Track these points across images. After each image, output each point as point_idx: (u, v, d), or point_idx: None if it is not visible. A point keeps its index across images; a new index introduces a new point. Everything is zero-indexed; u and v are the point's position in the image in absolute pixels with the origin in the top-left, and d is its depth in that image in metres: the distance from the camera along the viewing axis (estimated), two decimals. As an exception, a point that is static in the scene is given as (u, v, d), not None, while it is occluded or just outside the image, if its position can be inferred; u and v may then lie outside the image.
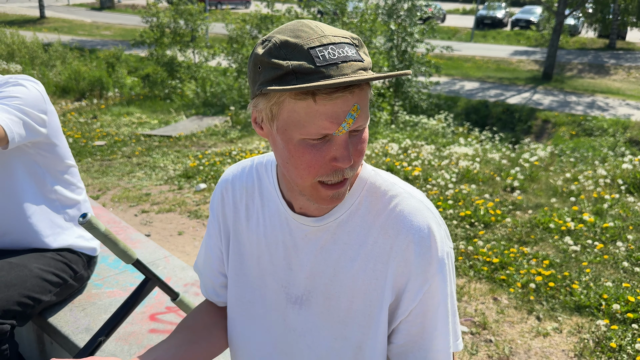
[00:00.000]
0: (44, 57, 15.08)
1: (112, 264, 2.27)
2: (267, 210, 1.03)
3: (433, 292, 0.94)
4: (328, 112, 0.79)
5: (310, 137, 0.82)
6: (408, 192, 0.98)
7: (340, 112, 0.80)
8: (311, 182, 0.87)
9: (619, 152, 9.63)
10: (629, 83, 19.18)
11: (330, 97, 0.78)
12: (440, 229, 0.96)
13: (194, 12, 14.16)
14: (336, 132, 0.81)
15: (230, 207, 1.08)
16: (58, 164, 1.86)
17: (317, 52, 0.78)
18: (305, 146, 0.83)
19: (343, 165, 0.83)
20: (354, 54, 0.81)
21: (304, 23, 0.83)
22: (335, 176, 0.86)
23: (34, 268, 1.76)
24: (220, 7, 31.59)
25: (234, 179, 1.09)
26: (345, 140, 0.83)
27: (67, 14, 31.01)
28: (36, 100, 1.71)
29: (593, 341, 2.83)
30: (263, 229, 1.03)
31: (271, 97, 0.83)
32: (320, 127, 0.80)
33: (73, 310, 1.95)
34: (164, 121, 10.09)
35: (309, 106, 0.79)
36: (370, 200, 0.97)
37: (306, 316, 1.02)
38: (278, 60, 0.79)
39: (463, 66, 21.21)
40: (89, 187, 5.51)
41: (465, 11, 36.66)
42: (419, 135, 8.99)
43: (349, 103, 0.79)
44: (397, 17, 12.78)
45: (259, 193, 1.05)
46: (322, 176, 0.86)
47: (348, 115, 0.80)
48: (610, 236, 4.06)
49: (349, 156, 0.83)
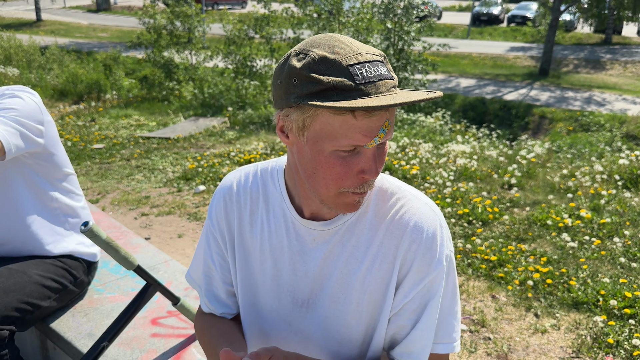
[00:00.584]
0: (41, 61, 15.08)
1: (113, 269, 2.30)
2: (272, 215, 1.05)
3: (426, 290, 0.98)
4: (364, 127, 0.84)
5: (341, 149, 0.86)
6: (414, 195, 1.02)
7: (375, 127, 0.84)
8: (335, 192, 0.91)
9: (616, 147, 9.66)
10: (625, 78, 19.20)
11: (370, 114, 0.83)
12: (443, 232, 1.00)
13: (190, 13, 14.14)
14: (367, 145, 0.85)
15: (234, 213, 1.09)
16: (56, 173, 1.88)
17: (356, 69, 0.83)
18: (335, 158, 0.87)
19: (370, 177, 0.89)
20: (386, 72, 0.86)
21: (336, 38, 0.87)
22: (362, 188, 0.90)
23: (33, 274, 1.78)
24: (216, 8, 31.58)
25: (237, 185, 1.10)
26: (374, 153, 0.88)
27: (64, 16, 30.98)
28: (32, 111, 1.73)
29: (591, 337, 2.86)
30: (268, 234, 1.05)
31: (307, 109, 0.86)
32: (354, 140, 0.85)
33: (75, 315, 1.98)
34: (162, 123, 10.11)
35: (345, 121, 0.84)
36: (378, 203, 1.01)
37: (312, 319, 1.04)
38: (318, 76, 0.82)
39: (460, 63, 21.22)
40: (88, 190, 5.53)
41: (461, 8, 36.65)
42: (416, 134, 9.01)
43: (383, 119, 0.85)
44: (393, 16, 12.78)
45: (263, 199, 1.07)
46: (349, 188, 0.90)
47: (380, 130, 0.85)
48: (608, 232, 4.08)
49: (376, 169, 0.88)
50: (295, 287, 1.04)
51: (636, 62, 21.03)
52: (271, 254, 1.05)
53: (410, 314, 0.99)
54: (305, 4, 12.74)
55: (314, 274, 1.02)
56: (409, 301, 0.98)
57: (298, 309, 1.05)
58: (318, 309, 1.03)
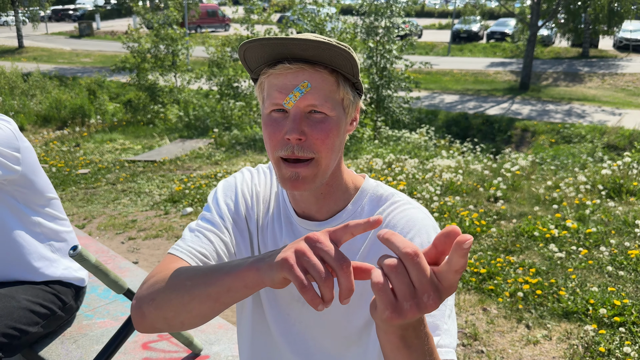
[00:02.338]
0: (24, 87, 15.00)
1: (102, 294, 2.27)
2: (276, 212, 1.09)
3: None
4: (279, 84, 0.92)
5: (271, 110, 0.93)
6: (407, 200, 1.05)
7: (289, 85, 0.91)
8: (274, 156, 0.95)
9: (598, 158, 9.82)
10: (603, 90, 19.62)
11: (276, 68, 0.91)
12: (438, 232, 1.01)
13: (175, 37, 14.22)
14: (284, 102, 0.91)
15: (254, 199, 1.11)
16: (38, 199, 1.87)
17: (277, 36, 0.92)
18: (269, 119, 0.94)
19: (290, 137, 0.91)
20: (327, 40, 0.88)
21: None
22: (286, 149, 0.92)
23: (21, 299, 1.76)
24: (199, 31, 31.76)
25: (259, 177, 1.14)
26: (296, 115, 0.91)
27: (46, 42, 30.91)
28: (8, 138, 1.72)
29: (582, 347, 2.87)
30: (271, 232, 1.08)
31: (259, 83, 0.97)
32: (274, 97, 0.92)
33: (65, 342, 1.94)
34: (147, 146, 10.07)
35: (269, 80, 0.93)
36: (372, 207, 1.04)
37: (309, 314, 1.06)
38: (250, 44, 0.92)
39: (442, 80, 21.53)
40: (74, 216, 5.46)
41: (441, 26, 37.31)
42: (402, 150, 9.09)
43: (298, 78, 0.90)
44: (375, 35, 12.98)
45: (273, 196, 1.11)
46: (278, 150, 0.93)
47: (296, 89, 0.90)
48: (594, 241, 4.13)
49: (295, 129, 0.90)
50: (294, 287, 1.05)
51: (613, 74, 21.52)
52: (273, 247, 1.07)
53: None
54: (286, 26, 12.89)
55: None
56: None
57: (295, 303, 1.08)
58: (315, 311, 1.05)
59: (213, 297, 0.82)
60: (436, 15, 43.07)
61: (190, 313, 0.85)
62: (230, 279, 0.80)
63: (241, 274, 0.78)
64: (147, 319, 0.90)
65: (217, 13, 35.16)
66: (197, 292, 0.83)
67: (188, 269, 0.90)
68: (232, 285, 0.79)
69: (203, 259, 0.99)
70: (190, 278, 0.86)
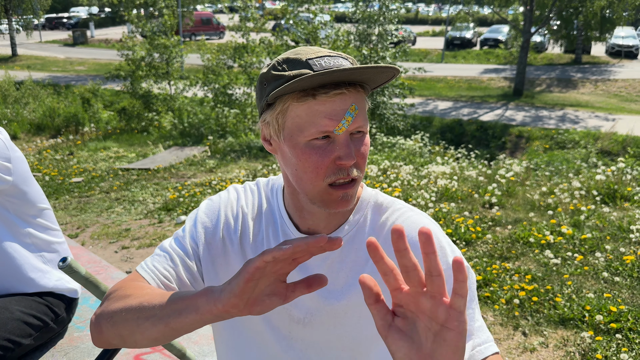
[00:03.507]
0: (17, 95, 14.94)
1: (94, 306, 2.24)
2: (271, 230, 1.05)
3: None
4: (328, 111, 0.86)
5: (313, 138, 0.87)
6: (409, 207, 1.04)
7: (339, 110, 0.86)
8: (321, 185, 0.91)
9: (592, 163, 9.86)
10: (596, 95, 19.75)
11: (328, 94, 0.85)
12: (446, 236, 1.00)
13: (169, 44, 14.23)
14: (336, 130, 0.86)
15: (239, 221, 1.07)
16: (29, 209, 1.84)
17: (314, 61, 0.86)
18: (311, 148, 0.88)
19: (347, 162, 0.88)
20: (349, 64, 0.87)
21: (303, 47, 0.92)
22: (342, 173, 0.89)
23: (15, 310, 1.73)
24: (194, 39, 31.79)
25: (245, 196, 1.10)
26: (347, 139, 0.88)
27: (40, 51, 30.84)
28: None
29: (579, 354, 2.86)
30: (267, 247, 1.04)
31: (276, 106, 0.89)
32: (321, 125, 0.86)
33: (55, 355, 1.91)
34: (141, 154, 10.03)
35: (309, 107, 0.86)
36: (374, 216, 1.02)
37: (311, 333, 1.03)
38: (280, 72, 0.87)
39: (436, 87, 21.61)
40: (67, 225, 5.42)
41: (434, 33, 37.52)
42: (397, 156, 9.09)
43: (346, 102, 0.86)
44: (369, 42, 13.03)
45: (265, 214, 1.07)
46: (330, 176, 0.90)
47: (347, 114, 0.86)
48: (589, 247, 4.13)
49: (351, 154, 0.88)
50: (292, 305, 1.02)
51: (606, 80, 21.68)
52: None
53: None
54: (281, 34, 12.92)
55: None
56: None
57: (295, 324, 1.04)
58: (315, 325, 1.02)
59: (164, 321, 0.81)
60: (430, 23, 43.33)
61: (143, 334, 0.85)
62: (181, 303, 0.80)
63: (193, 299, 0.78)
64: (104, 335, 0.91)
65: (212, 21, 35.22)
66: (151, 314, 0.83)
67: (148, 291, 0.90)
68: (183, 310, 0.79)
69: (165, 280, 0.99)
70: (148, 300, 0.86)
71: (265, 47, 12.91)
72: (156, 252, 1.06)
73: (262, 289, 0.75)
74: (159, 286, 0.98)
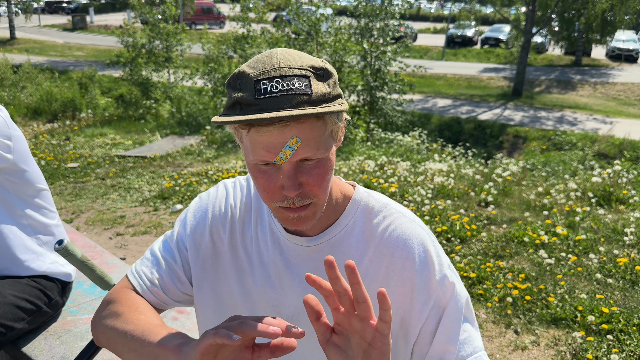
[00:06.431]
0: (14, 79, 14.84)
1: (87, 290, 2.23)
2: (259, 228, 1.04)
3: (439, 306, 0.95)
4: (265, 143, 0.82)
5: (257, 163, 0.86)
6: (400, 212, 1.01)
7: (277, 143, 0.81)
8: (272, 206, 0.90)
9: (588, 165, 9.90)
10: (595, 98, 19.79)
11: (260, 130, 0.81)
12: (435, 246, 0.99)
13: (171, 32, 14.15)
14: (276, 161, 0.83)
15: (227, 219, 1.06)
16: (28, 189, 1.83)
17: (261, 84, 0.80)
18: (258, 171, 0.87)
19: (288, 194, 0.85)
20: (303, 86, 0.80)
21: (271, 53, 0.85)
22: (286, 203, 0.87)
23: (7, 295, 1.72)
24: (194, 27, 31.63)
25: (234, 194, 1.08)
26: (290, 171, 0.84)
27: (39, 35, 30.62)
28: None
29: (570, 353, 2.88)
30: (256, 247, 1.03)
31: (233, 128, 0.87)
32: (260, 155, 0.83)
33: (48, 338, 1.91)
34: (138, 142, 10.00)
35: (251, 136, 0.83)
36: (364, 220, 0.99)
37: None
38: (230, 91, 0.84)
39: (435, 84, 21.60)
40: (62, 210, 5.40)
41: (436, 30, 37.45)
42: (394, 152, 9.09)
43: (286, 134, 0.81)
44: (370, 37, 12.99)
45: (254, 211, 1.05)
46: (277, 202, 0.88)
47: (286, 147, 0.81)
48: (583, 248, 4.15)
49: (293, 186, 0.84)
50: (281, 302, 1.02)
51: (605, 83, 21.72)
52: (260, 266, 1.02)
53: (429, 336, 0.95)
54: (282, 25, 12.87)
55: (299, 290, 0.99)
56: (425, 323, 0.95)
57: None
58: (302, 324, 1.01)
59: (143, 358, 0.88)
60: (431, 20, 43.26)
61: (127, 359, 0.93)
62: (157, 349, 0.85)
63: (166, 350, 0.82)
64: (100, 341, 1.01)
65: (212, 10, 35.04)
66: (132, 347, 0.90)
67: (135, 317, 0.96)
68: (157, 356, 0.84)
69: (151, 286, 1.04)
70: (132, 330, 0.92)
71: (265, 39, 12.86)
72: (146, 255, 1.09)
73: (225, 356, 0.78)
74: (145, 292, 1.04)
